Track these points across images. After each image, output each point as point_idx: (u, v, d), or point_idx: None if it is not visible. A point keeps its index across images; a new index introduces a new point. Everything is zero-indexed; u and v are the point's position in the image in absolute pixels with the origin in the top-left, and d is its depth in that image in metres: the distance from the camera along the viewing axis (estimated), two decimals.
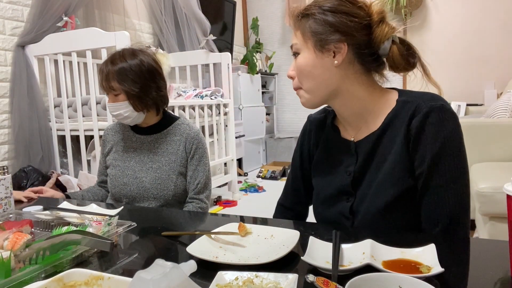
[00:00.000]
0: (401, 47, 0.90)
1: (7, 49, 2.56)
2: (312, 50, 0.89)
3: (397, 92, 0.95)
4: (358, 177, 0.94)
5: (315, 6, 0.90)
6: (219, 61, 3.51)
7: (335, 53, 0.88)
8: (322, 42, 0.88)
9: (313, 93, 0.92)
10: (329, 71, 0.89)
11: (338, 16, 0.87)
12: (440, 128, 0.83)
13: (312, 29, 0.89)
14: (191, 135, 1.46)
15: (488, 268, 0.68)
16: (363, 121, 0.95)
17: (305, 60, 0.90)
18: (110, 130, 1.55)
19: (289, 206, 1.16)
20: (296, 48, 0.92)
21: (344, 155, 0.98)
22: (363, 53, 0.89)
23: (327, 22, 0.87)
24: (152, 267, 0.53)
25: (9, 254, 0.70)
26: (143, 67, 1.38)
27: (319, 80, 0.90)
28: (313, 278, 0.59)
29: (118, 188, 1.44)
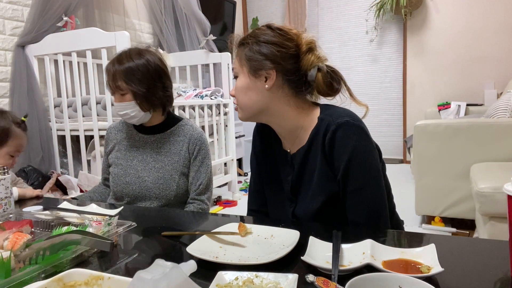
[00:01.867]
0: (325, 75, 1.00)
1: (7, 49, 2.56)
2: (247, 74, 1.01)
3: (319, 109, 1.06)
4: (296, 185, 1.07)
5: (251, 36, 1.01)
6: (219, 61, 3.51)
7: (267, 78, 0.99)
8: (255, 68, 0.99)
9: (247, 110, 1.04)
10: (261, 93, 1.01)
11: (269, 46, 0.98)
12: (346, 142, 0.95)
13: (247, 56, 1.00)
14: (194, 136, 1.46)
15: (488, 268, 0.68)
16: (295, 135, 1.06)
17: (241, 83, 1.02)
18: (113, 129, 1.55)
19: (257, 209, 1.22)
20: (235, 72, 1.05)
21: (284, 165, 1.10)
22: (291, 79, 1.00)
23: (259, 51, 0.99)
24: (152, 267, 0.53)
25: (9, 254, 0.70)
26: (150, 67, 1.38)
27: (253, 100, 1.02)
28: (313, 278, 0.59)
29: (120, 187, 1.44)
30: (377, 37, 4.89)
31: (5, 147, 1.51)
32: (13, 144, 1.52)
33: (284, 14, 5.36)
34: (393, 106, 4.88)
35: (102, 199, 1.54)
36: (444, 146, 2.34)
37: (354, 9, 5.00)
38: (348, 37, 5.13)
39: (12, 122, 1.53)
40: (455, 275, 0.65)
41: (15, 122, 1.54)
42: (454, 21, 4.42)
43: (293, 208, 1.07)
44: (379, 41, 4.90)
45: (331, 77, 1.01)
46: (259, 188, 1.20)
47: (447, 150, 2.34)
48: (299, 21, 5.15)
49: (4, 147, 1.50)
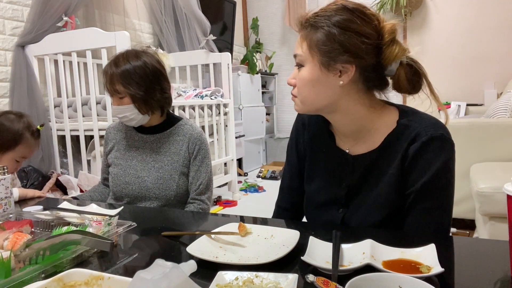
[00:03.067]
0: (408, 70, 0.87)
1: (7, 49, 2.56)
2: (318, 66, 0.86)
3: (397, 111, 0.93)
4: (353, 191, 0.96)
5: (324, 17, 0.85)
6: (219, 61, 3.51)
7: (341, 73, 0.85)
8: (329, 61, 0.84)
9: (310, 105, 0.91)
10: (332, 89, 0.87)
11: (349, 35, 0.82)
12: (436, 157, 0.85)
13: (320, 44, 0.84)
14: (194, 136, 1.45)
15: (488, 268, 0.68)
16: (360, 136, 0.94)
17: (309, 74, 0.87)
18: (112, 129, 1.55)
19: (288, 207, 1.14)
20: (300, 60, 0.89)
21: (339, 165, 0.97)
22: (369, 75, 0.87)
23: (337, 40, 0.83)
24: (152, 267, 0.53)
25: (9, 254, 0.70)
26: (147, 69, 1.37)
27: (320, 96, 0.89)
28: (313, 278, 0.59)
29: (120, 187, 1.44)
30: None
31: (12, 152, 1.50)
32: (21, 150, 1.52)
33: (284, 14, 5.36)
34: None
35: (102, 198, 1.54)
36: None
37: None
38: None
39: (26, 128, 1.52)
40: (455, 275, 0.65)
41: (29, 129, 1.53)
42: (454, 21, 4.42)
43: (343, 214, 0.97)
44: None
45: (415, 71, 0.87)
46: (295, 186, 1.10)
47: None
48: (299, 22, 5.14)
49: (12, 151, 1.50)
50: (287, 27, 5.39)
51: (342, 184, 0.96)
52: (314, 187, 1.03)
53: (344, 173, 0.96)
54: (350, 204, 0.96)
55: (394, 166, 0.88)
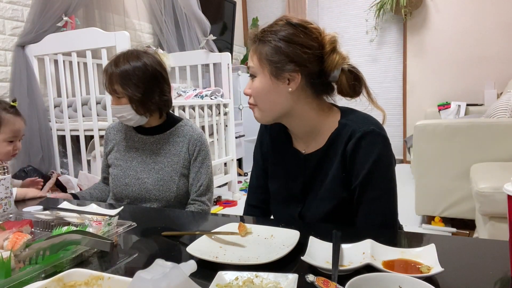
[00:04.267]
0: (349, 76, 0.97)
1: (7, 49, 2.56)
2: (268, 76, 0.95)
3: (339, 111, 1.03)
4: (307, 187, 1.05)
5: (271, 32, 0.94)
6: (219, 61, 3.51)
7: (290, 81, 0.94)
8: (277, 70, 0.94)
9: (267, 112, 1.00)
10: (283, 96, 0.96)
11: (293, 47, 0.92)
12: (370, 150, 0.93)
13: (268, 56, 0.94)
14: (194, 137, 1.44)
15: (488, 268, 0.68)
16: (311, 137, 1.03)
17: (261, 84, 0.96)
18: (112, 129, 1.55)
19: (256, 204, 1.21)
20: (253, 71, 0.98)
21: (295, 164, 1.07)
22: (314, 81, 0.96)
23: (283, 52, 0.92)
24: (152, 267, 0.53)
25: (9, 254, 0.70)
26: (147, 71, 1.36)
27: (274, 103, 0.98)
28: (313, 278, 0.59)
29: (119, 188, 1.44)
30: (377, 37, 4.89)
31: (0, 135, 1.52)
32: (6, 131, 1.52)
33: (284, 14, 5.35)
34: (393, 106, 4.88)
35: (102, 196, 1.53)
36: (444, 146, 2.34)
37: (354, 9, 5.00)
38: (348, 37, 5.12)
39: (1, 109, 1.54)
40: (455, 275, 0.65)
41: (4, 109, 1.54)
42: (454, 21, 4.42)
43: (300, 209, 1.06)
44: (379, 41, 4.90)
45: (355, 78, 0.98)
46: (261, 184, 1.18)
47: (447, 150, 2.34)
48: None
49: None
50: None
51: (298, 182, 1.06)
52: (276, 186, 1.12)
53: (299, 171, 1.06)
54: (306, 199, 1.05)
55: (337, 161, 0.97)
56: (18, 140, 1.58)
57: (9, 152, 1.55)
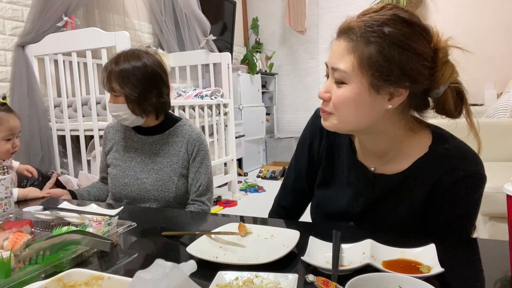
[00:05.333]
0: (455, 93, 0.80)
1: (7, 49, 2.56)
2: (366, 87, 0.75)
3: (430, 134, 0.87)
4: (370, 208, 0.91)
5: (377, 29, 0.73)
6: (219, 61, 3.51)
7: (392, 96, 0.76)
8: (382, 83, 0.74)
9: (345, 124, 0.81)
10: (376, 112, 0.78)
11: (408, 55, 0.73)
12: (469, 194, 0.82)
13: (374, 64, 0.73)
14: (193, 137, 1.44)
15: (488, 268, 0.68)
16: (386, 156, 0.88)
17: (354, 95, 0.76)
18: (111, 129, 1.55)
19: (287, 206, 1.12)
20: (342, 76, 0.77)
21: (358, 180, 0.92)
22: (417, 98, 0.79)
23: (396, 61, 0.72)
24: (152, 267, 0.53)
25: (9, 254, 0.70)
26: (146, 71, 1.35)
27: (362, 118, 0.79)
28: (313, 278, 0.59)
29: (118, 189, 1.44)
30: None
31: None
32: (2, 129, 1.53)
33: (284, 14, 5.35)
34: None
35: (100, 194, 1.53)
36: None
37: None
38: None
39: None
40: (455, 275, 0.65)
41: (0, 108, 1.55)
42: (454, 21, 4.42)
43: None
44: None
45: (458, 95, 0.80)
46: (297, 188, 1.07)
47: None
48: (299, 21, 5.15)
49: None
50: (287, 27, 5.39)
51: (359, 200, 0.92)
52: (327, 195, 0.98)
53: (363, 190, 0.91)
54: (363, 222, 0.92)
55: (421, 194, 0.84)
56: (16, 137, 1.59)
57: (9, 150, 1.56)
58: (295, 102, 5.67)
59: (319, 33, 5.36)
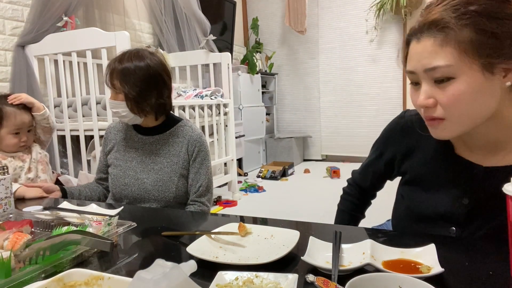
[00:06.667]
0: None
1: (7, 49, 2.56)
2: (480, 72, 0.69)
3: None
4: (477, 209, 0.81)
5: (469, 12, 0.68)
6: (219, 61, 3.51)
7: (506, 72, 0.70)
8: (495, 61, 0.68)
9: (466, 123, 0.74)
10: (495, 95, 0.71)
11: (509, 23, 0.67)
12: None
13: (477, 44, 0.67)
14: (193, 137, 1.44)
15: (488, 268, 0.68)
16: (501, 146, 0.79)
17: (470, 86, 0.69)
18: (112, 129, 1.55)
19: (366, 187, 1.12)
20: (447, 72, 0.70)
21: (462, 177, 0.83)
22: None
23: (499, 33, 0.67)
24: (152, 267, 0.53)
25: (9, 254, 0.70)
26: (148, 72, 1.36)
27: (483, 108, 0.72)
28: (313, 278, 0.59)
29: (119, 189, 1.44)
30: (377, 37, 4.89)
31: (3, 129, 1.59)
32: (9, 124, 1.59)
33: (284, 14, 5.36)
34: (393, 106, 4.87)
35: (92, 195, 1.53)
36: None
37: (354, 9, 5.00)
38: (348, 37, 5.13)
39: (3, 103, 1.60)
40: (455, 275, 0.65)
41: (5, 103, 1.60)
42: None
43: (457, 235, 0.84)
44: (379, 41, 4.90)
45: None
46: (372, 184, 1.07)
47: None
48: (299, 21, 5.15)
49: (2, 128, 1.59)
50: (287, 27, 5.39)
51: (464, 200, 0.82)
52: (421, 198, 0.89)
53: (469, 188, 0.82)
54: (470, 224, 0.82)
55: None
56: (26, 131, 1.65)
57: (17, 144, 1.62)
58: (295, 102, 5.67)
59: (319, 33, 5.37)
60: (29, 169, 1.66)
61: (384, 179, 1.07)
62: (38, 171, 1.69)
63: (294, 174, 4.75)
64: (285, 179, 4.47)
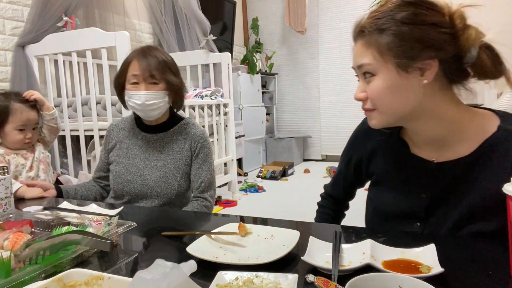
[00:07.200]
0: (489, 53, 0.81)
1: (7, 49, 2.56)
2: (394, 71, 0.78)
3: (495, 114, 0.85)
4: (435, 202, 0.87)
5: (386, 18, 0.78)
6: (219, 61, 3.51)
7: (423, 71, 0.78)
8: (407, 61, 0.77)
9: (392, 113, 0.83)
10: (414, 91, 0.79)
11: (422, 28, 0.76)
12: None
13: (391, 47, 0.77)
14: (197, 134, 1.47)
15: (488, 268, 0.68)
16: (447, 142, 0.85)
17: (386, 82, 0.79)
18: (114, 127, 1.56)
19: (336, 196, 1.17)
20: (369, 69, 0.81)
21: (418, 175, 0.89)
22: (449, 67, 0.79)
23: (412, 37, 0.76)
24: (152, 267, 0.53)
25: (9, 254, 0.70)
26: (176, 65, 1.46)
27: (403, 102, 0.80)
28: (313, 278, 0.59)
29: (121, 185, 1.44)
30: None
31: (9, 124, 1.60)
32: (15, 119, 1.60)
33: (284, 14, 5.36)
34: None
35: (87, 194, 1.52)
36: None
37: (354, 9, 5.00)
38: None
39: (11, 99, 1.61)
40: (455, 275, 0.65)
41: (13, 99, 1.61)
42: None
43: (421, 230, 0.89)
44: None
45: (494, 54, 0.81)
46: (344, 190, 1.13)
47: None
48: (299, 21, 5.15)
49: (8, 124, 1.60)
50: (287, 27, 5.39)
51: (422, 195, 0.88)
52: (385, 199, 0.95)
53: (425, 183, 0.88)
54: (431, 217, 0.87)
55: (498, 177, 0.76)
56: (31, 129, 1.65)
57: (21, 140, 1.62)
58: (295, 102, 5.67)
59: (319, 33, 5.37)
60: (30, 167, 1.66)
61: (355, 185, 1.12)
62: (39, 171, 1.69)
63: (294, 174, 4.75)
64: (285, 179, 4.47)
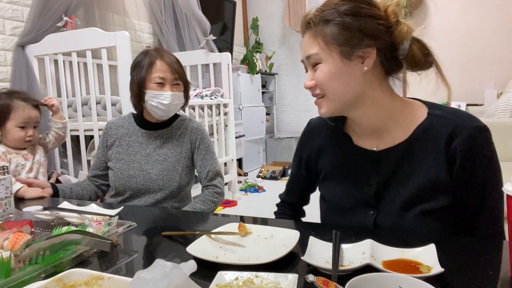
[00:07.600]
0: (420, 45, 0.90)
1: (7, 49, 2.56)
2: (338, 59, 0.85)
3: (423, 103, 0.94)
4: (382, 188, 0.92)
5: (331, 10, 0.85)
6: (219, 61, 3.51)
7: (363, 59, 0.85)
8: (350, 49, 0.83)
9: (338, 100, 0.88)
10: (356, 78, 0.86)
11: (363, 20, 0.83)
12: (485, 151, 0.85)
13: (335, 36, 0.84)
14: (194, 127, 1.53)
15: (488, 268, 0.68)
16: (385, 130, 0.92)
17: (330, 69, 0.85)
18: (112, 124, 1.57)
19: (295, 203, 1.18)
20: (315, 59, 0.87)
21: (363, 165, 0.94)
22: (385, 57, 0.87)
23: (353, 27, 0.82)
24: (152, 267, 0.53)
25: (9, 254, 0.70)
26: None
27: (346, 86, 0.86)
28: (313, 278, 0.59)
29: (123, 181, 1.45)
30: None
31: (11, 121, 1.60)
32: (16, 117, 1.60)
33: (284, 14, 5.36)
34: None
35: (83, 193, 1.52)
36: None
37: None
38: None
39: (13, 97, 1.62)
40: (455, 275, 0.65)
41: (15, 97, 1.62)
42: (454, 21, 4.42)
43: (374, 217, 0.92)
44: None
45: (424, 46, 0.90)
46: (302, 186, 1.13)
47: None
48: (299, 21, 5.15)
49: (9, 121, 1.60)
50: (287, 27, 5.39)
51: (369, 183, 0.93)
52: (336, 193, 0.99)
53: (370, 172, 0.93)
54: (381, 204, 0.92)
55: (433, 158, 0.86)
56: (32, 127, 1.65)
57: (22, 138, 1.62)
58: (295, 102, 5.67)
59: None
60: (30, 169, 1.66)
61: (309, 188, 1.14)
62: (38, 173, 1.69)
63: None
64: (285, 179, 4.47)
